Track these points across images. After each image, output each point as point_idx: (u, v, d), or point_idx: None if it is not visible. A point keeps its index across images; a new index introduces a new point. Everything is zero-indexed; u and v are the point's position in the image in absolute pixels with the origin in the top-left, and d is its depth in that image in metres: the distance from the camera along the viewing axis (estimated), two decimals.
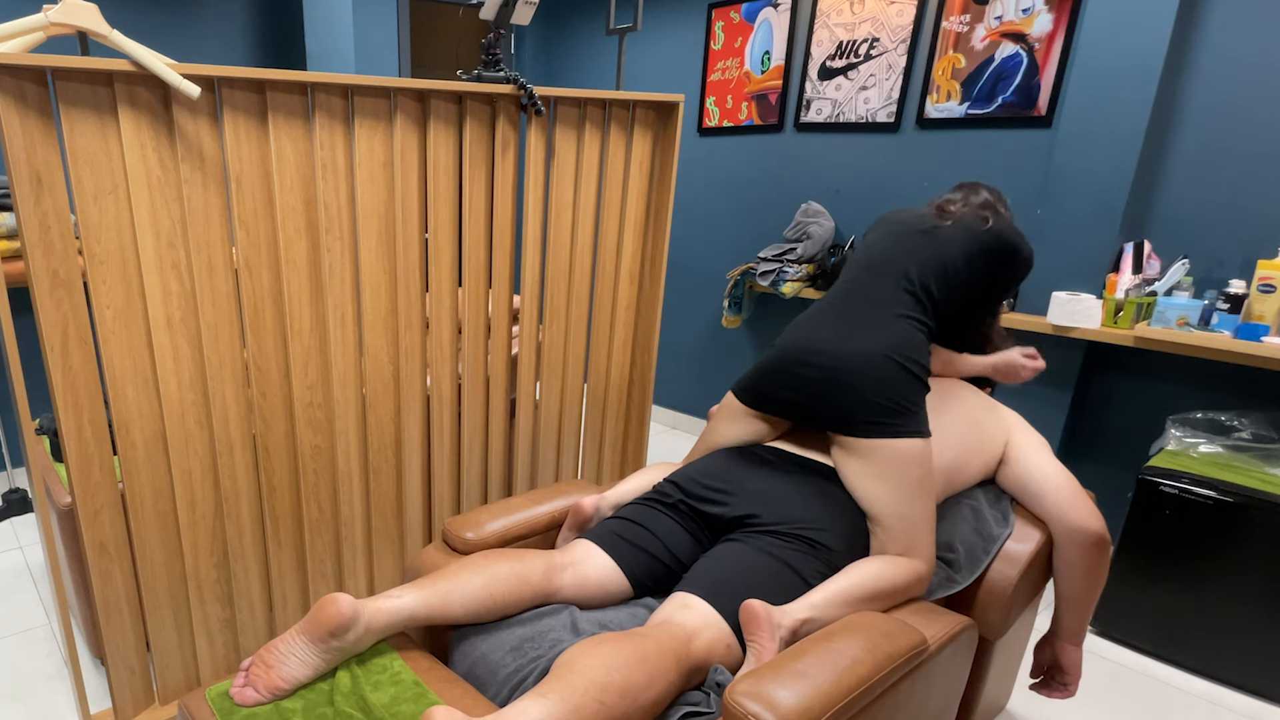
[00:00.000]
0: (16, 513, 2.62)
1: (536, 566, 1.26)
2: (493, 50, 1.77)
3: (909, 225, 1.53)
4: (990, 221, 1.48)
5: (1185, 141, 2.21)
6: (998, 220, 1.48)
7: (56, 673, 1.87)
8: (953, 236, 1.47)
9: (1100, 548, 1.41)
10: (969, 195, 1.58)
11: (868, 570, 1.25)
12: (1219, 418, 2.16)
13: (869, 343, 1.34)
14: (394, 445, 1.87)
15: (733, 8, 3.20)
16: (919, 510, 1.30)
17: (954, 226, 1.48)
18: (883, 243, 1.53)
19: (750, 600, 1.13)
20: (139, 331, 1.46)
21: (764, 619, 1.11)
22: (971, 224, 1.48)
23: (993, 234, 1.47)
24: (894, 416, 1.30)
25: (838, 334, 1.38)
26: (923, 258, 1.45)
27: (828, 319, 1.43)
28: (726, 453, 1.46)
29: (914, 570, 1.29)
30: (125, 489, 1.53)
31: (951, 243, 1.46)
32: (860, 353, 1.33)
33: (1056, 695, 1.57)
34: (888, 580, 1.25)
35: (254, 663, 1.12)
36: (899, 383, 1.31)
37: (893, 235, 1.53)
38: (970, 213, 1.50)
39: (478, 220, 1.83)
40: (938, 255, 1.45)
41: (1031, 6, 2.39)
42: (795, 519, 1.28)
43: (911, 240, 1.49)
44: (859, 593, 1.22)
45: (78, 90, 1.30)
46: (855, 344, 1.35)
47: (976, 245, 1.46)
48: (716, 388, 3.65)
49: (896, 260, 1.47)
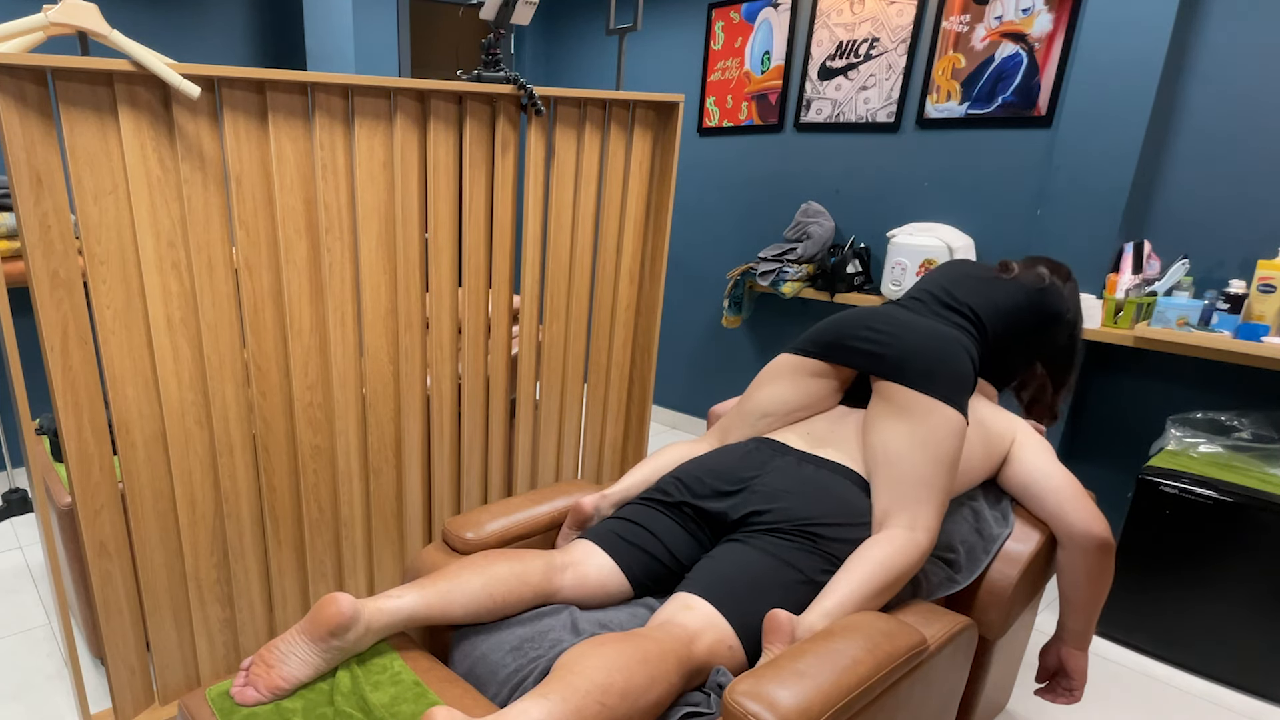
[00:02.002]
0: (16, 513, 2.62)
1: (536, 566, 1.26)
2: (493, 50, 1.77)
3: (969, 272, 1.65)
4: (1047, 282, 1.59)
5: (1185, 141, 2.21)
6: (1054, 285, 1.59)
7: (56, 673, 1.87)
8: (1008, 287, 1.58)
9: (1104, 551, 1.41)
10: (1035, 264, 1.68)
11: (873, 564, 1.23)
12: (1219, 418, 2.16)
13: (938, 325, 1.43)
14: (394, 445, 1.87)
15: (733, 8, 3.20)
16: (939, 482, 1.28)
17: (1011, 280, 1.60)
18: (943, 279, 1.63)
19: (777, 610, 1.14)
20: (139, 331, 1.46)
21: (787, 629, 1.12)
22: (1028, 281, 1.60)
23: (1044, 292, 1.58)
24: (950, 385, 1.34)
25: (906, 318, 1.45)
26: (978, 296, 1.57)
27: (891, 309, 1.50)
28: (735, 449, 1.46)
29: (916, 546, 1.26)
30: (125, 489, 1.53)
31: (1005, 290, 1.58)
32: (929, 328, 1.41)
33: (1062, 700, 1.56)
34: (895, 566, 1.23)
35: (254, 662, 1.12)
36: (960, 361, 1.37)
37: (951, 275, 1.64)
38: (1030, 274, 1.61)
39: (478, 220, 1.83)
40: (991, 296, 1.57)
41: (1031, 6, 2.39)
42: (798, 515, 1.28)
43: (970, 282, 1.60)
44: (870, 588, 1.21)
45: (78, 90, 1.30)
46: (924, 323, 1.43)
47: (1025, 298, 1.57)
48: (716, 388, 3.65)
49: (955, 292, 1.58)
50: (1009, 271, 1.62)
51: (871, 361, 1.41)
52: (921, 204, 2.79)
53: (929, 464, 1.28)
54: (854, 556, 1.25)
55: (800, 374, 1.51)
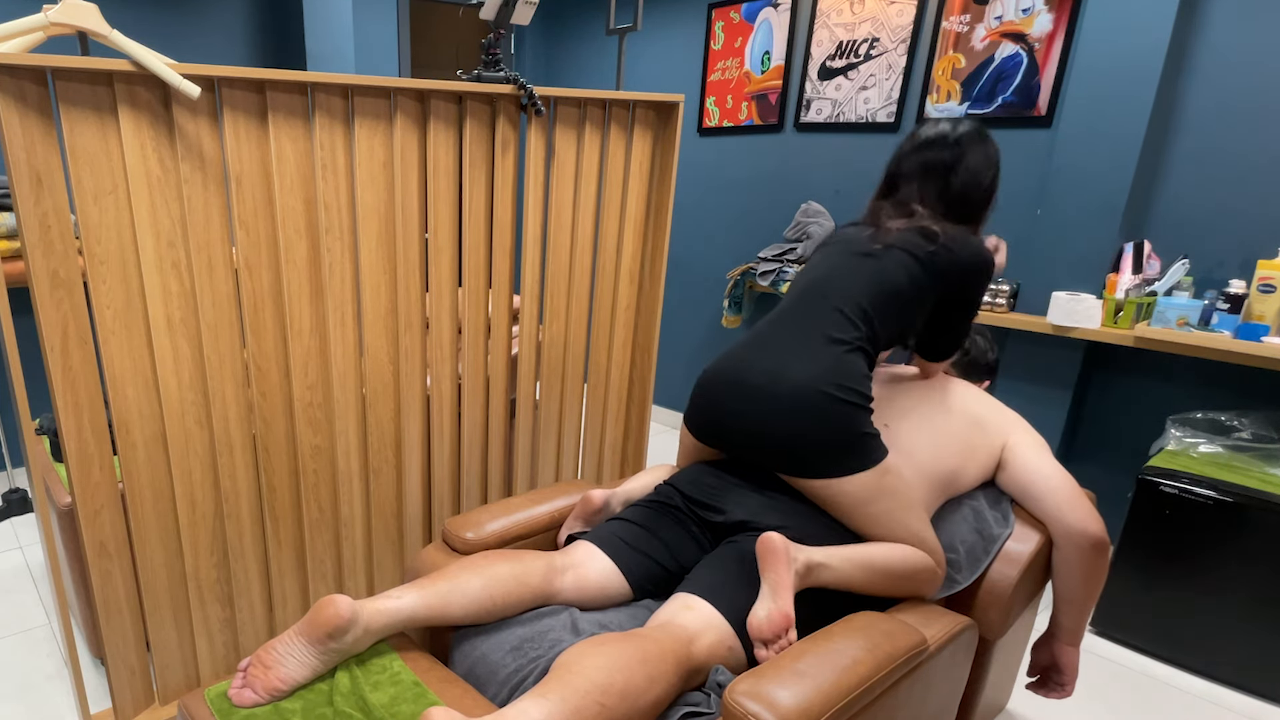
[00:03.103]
0: (16, 513, 2.62)
1: (536, 568, 1.26)
2: (493, 50, 1.77)
3: (849, 247, 1.43)
4: (939, 238, 1.36)
5: (1185, 141, 2.21)
6: (946, 235, 1.37)
7: (56, 673, 1.87)
8: (894, 260, 1.36)
9: (1098, 550, 1.41)
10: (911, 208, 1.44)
11: (889, 546, 1.26)
12: (1219, 418, 2.16)
13: (799, 373, 1.26)
14: (394, 445, 1.87)
15: (733, 8, 3.20)
16: (905, 517, 1.29)
17: (889, 253, 1.37)
18: (822, 265, 1.44)
19: (768, 533, 1.14)
20: (139, 331, 1.46)
21: (781, 551, 1.12)
22: (914, 247, 1.36)
23: (940, 255, 1.36)
24: (841, 455, 1.24)
25: (768, 366, 1.30)
26: (862, 282, 1.36)
27: (758, 346, 1.35)
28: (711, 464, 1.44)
29: (927, 563, 1.29)
30: (125, 489, 1.53)
31: (893, 266, 1.36)
32: (790, 390, 1.26)
33: (1054, 695, 1.58)
34: (907, 561, 1.25)
35: (252, 664, 1.12)
36: (836, 416, 1.24)
37: (831, 259, 1.44)
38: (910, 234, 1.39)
39: (478, 220, 1.83)
40: (877, 278, 1.36)
41: (1031, 6, 2.39)
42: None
43: (849, 263, 1.40)
44: (876, 561, 1.23)
45: (78, 90, 1.30)
46: (786, 378, 1.27)
47: (921, 269, 1.35)
48: None
49: (835, 282, 1.38)
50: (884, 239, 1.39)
51: (760, 457, 1.31)
52: None
53: (889, 522, 1.28)
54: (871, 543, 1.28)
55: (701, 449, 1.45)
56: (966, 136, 1.42)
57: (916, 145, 1.46)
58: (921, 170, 1.44)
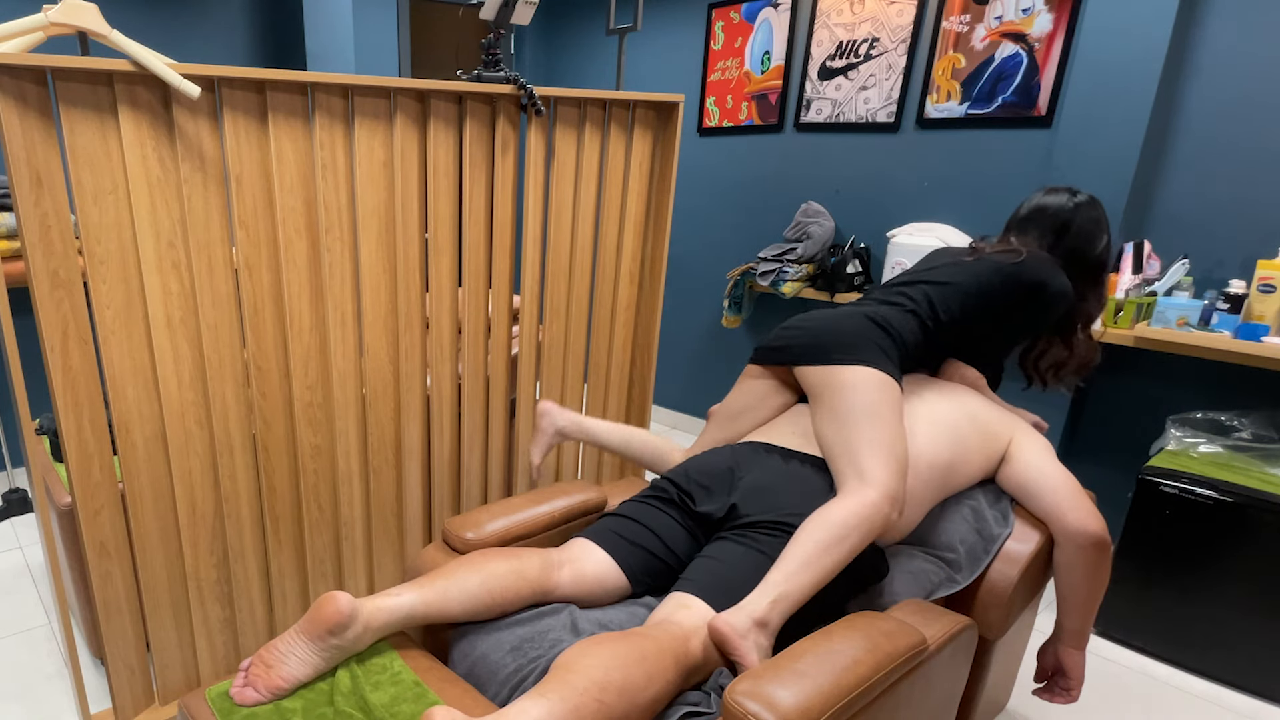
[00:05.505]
0: (16, 513, 2.62)
1: (534, 564, 1.26)
2: (493, 50, 1.78)
3: (939, 260, 1.63)
4: (1023, 256, 1.52)
5: (1185, 141, 2.21)
6: (1030, 257, 1.53)
7: (56, 673, 1.87)
8: (975, 268, 1.54)
9: (1100, 549, 1.41)
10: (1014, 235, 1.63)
11: (811, 522, 1.21)
12: (1219, 418, 2.16)
13: (850, 308, 1.50)
14: (394, 445, 1.87)
15: (733, 8, 3.20)
16: (874, 434, 1.28)
17: (978, 261, 1.56)
18: (916, 269, 1.63)
19: (710, 621, 1.13)
20: (139, 331, 1.46)
21: (730, 634, 1.10)
22: (1000, 259, 1.54)
23: (1019, 266, 1.52)
24: (844, 348, 1.38)
25: (825, 311, 1.52)
26: (932, 279, 1.55)
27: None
28: (723, 449, 1.47)
29: (860, 498, 1.22)
30: (125, 489, 1.53)
31: (972, 271, 1.53)
32: (834, 313, 1.49)
33: (1059, 700, 1.56)
34: (834, 519, 1.19)
35: (253, 663, 1.12)
36: (856, 325, 1.42)
37: (924, 265, 1.64)
38: (1002, 251, 1.57)
39: (478, 220, 1.83)
40: (949, 278, 1.53)
41: (1031, 6, 2.39)
42: (784, 510, 1.28)
43: (935, 271, 1.58)
44: (811, 548, 1.17)
45: (78, 90, 1.30)
46: (834, 311, 1.51)
47: (997, 277, 1.51)
48: (716, 388, 3.65)
49: (909, 276, 1.59)
50: (978, 252, 1.59)
51: (784, 355, 1.48)
52: (921, 204, 2.79)
53: (855, 424, 1.30)
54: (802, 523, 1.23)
55: (756, 378, 1.59)
56: (1084, 201, 1.59)
57: (1034, 204, 1.64)
58: (1035, 219, 1.62)
